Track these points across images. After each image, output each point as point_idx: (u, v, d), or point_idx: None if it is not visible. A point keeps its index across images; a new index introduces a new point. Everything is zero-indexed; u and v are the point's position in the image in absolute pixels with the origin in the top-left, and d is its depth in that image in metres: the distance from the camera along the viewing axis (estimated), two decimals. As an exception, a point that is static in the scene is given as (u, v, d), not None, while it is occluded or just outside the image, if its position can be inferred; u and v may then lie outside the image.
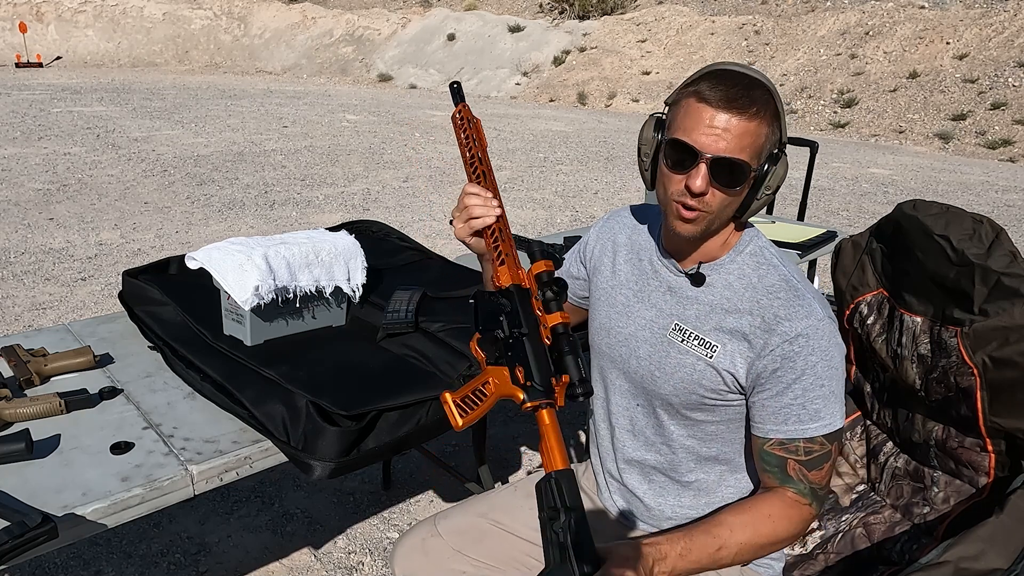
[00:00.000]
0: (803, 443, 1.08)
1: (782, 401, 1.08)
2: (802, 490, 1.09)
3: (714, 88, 1.02)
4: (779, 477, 1.10)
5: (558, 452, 0.92)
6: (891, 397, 1.45)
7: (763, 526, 1.07)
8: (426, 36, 18.63)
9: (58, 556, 2.05)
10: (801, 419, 1.08)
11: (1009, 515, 1.01)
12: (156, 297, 1.61)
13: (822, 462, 1.09)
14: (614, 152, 9.25)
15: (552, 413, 0.96)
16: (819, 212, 6.52)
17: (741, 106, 1.01)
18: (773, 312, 1.10)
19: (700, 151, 1.03)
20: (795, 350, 1.07)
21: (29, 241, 4.85)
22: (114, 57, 19.26)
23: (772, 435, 1.10)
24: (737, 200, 1.08)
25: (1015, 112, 11.15)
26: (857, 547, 1.38)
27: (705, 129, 1.02)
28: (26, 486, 1.06)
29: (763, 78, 1.06)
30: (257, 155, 7.98)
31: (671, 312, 1.19)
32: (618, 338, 1.24)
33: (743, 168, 1.03)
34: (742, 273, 1.15)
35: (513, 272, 1.07)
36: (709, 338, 1.13)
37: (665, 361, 1.17)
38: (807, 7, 16.57)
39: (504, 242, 1.12)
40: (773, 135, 1.06)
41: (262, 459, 1.22)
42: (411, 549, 1.32)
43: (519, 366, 0.98)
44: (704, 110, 1.02)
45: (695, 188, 1.04)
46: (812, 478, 1.09)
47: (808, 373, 1.07)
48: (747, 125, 1.02)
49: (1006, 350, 1.17)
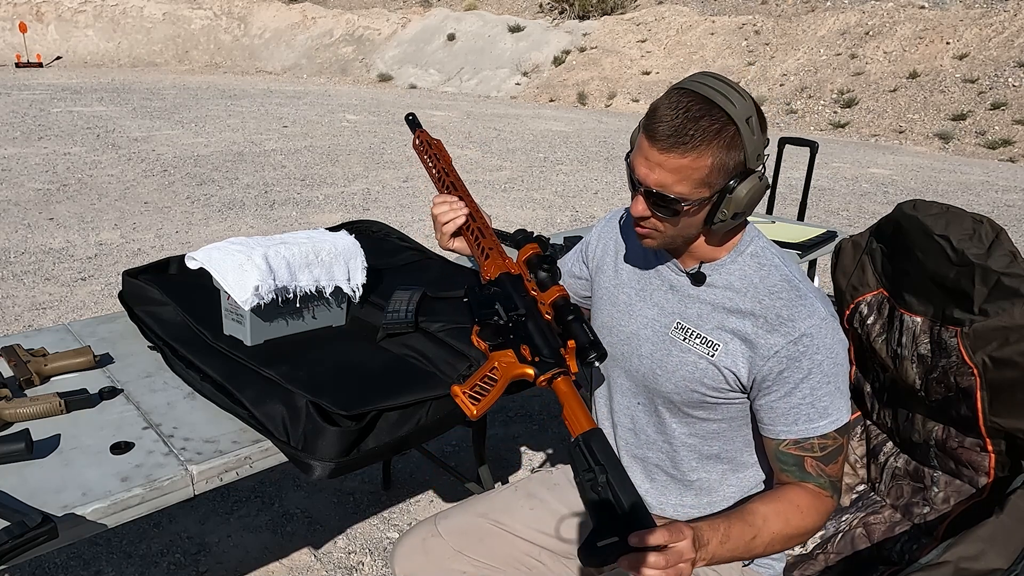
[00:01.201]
0: (817, 440, 1.09)
1: (791, 402, 1.09)
2: (822, 483, 1.10)
3: (658, 122, 1.02)
4: (798, 475, 1.11)
5: (582, 414, 0.93)
6: (891, 397, 1.45)
7: (794, 516, 1.08)
8: (426, 36, 18.62)
9: (58, 556, 2.05)
10: (811, 418, 1.09)
11: (1009, 515, 1.01)
12: (156, 297, 1.61)
13: (836, 456, 1.10)
14: (614, 152, 9.24)
15: (568, 380, 0.97)
16: (819, 212, 6.52)
17: (675, 143, 1.00)
18: (776, 312, 1.10)
19: (638, 181, 1.06)
20: (800, 350, 1.07)
21: (29, 241, 4.85)
22: (114, 57, 19.26)
23: (785, 436, 1.10)
24: (689, 222, 1.08)
25: (1015, 112, 11.14)
26: (857, 547, 1.38)
27: (643, 161, 1.05)
28: (26, 486, 1.06)
29: (729, 98, 1.02)
30: (257, 155, 7.98)
31: (673, 310, 1.19)
32: (620, 336, 1.25)
33: (673, 201, 1.04)
34: (744, 274, 1.15)
35: (499, 263, 1.10)
36: (711, 337, 1.13)
37: (667, 359, 1.18)
38: (807, 7, 16.56)
39: (485, 238, 1.16)
40: (728, 159, 1.03)
41: (262, 459, 1.22)
42: (411, 549, 1.32)
43: (524, 345, 0.99)
44: (644, 142, 1.04)
45: (633, 212, 1.09)
46: (829, 471, 1.10)
47: (815, 372, 1.08)
48: (680, 161, 1.01)
49: (1006, 350, 1.17)
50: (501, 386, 1.01)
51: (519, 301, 1.03)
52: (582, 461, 0.89)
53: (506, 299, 1.04)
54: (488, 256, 1.11)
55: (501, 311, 1.03)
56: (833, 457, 1.10)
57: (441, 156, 1.30)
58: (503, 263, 1.10)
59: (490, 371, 1.01)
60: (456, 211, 1.19)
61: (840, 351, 1.10)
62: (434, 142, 1.33)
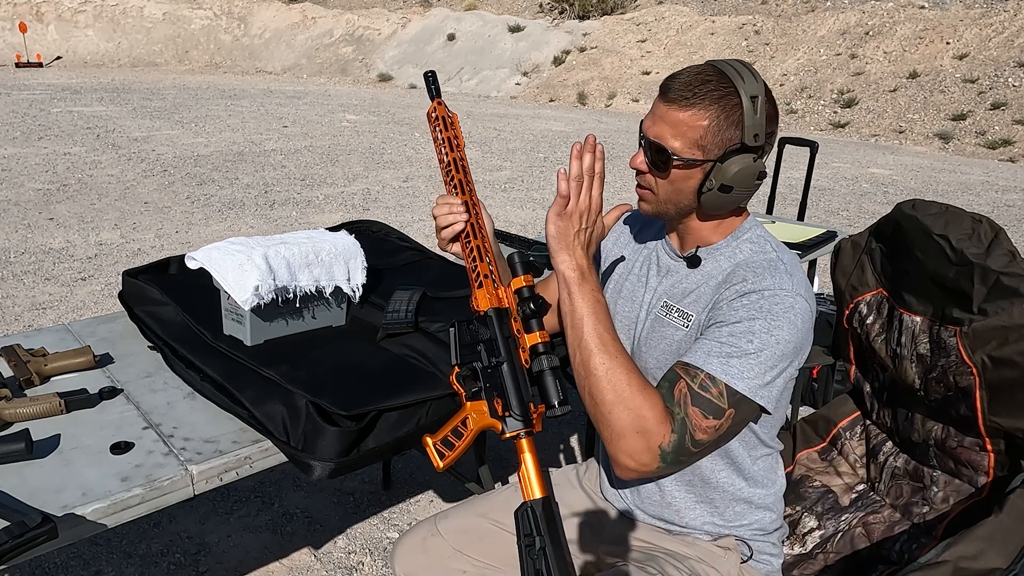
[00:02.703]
0: (704, 374, 1.04)
1: (707, 336, 1.07)
2: (676, 416, 1.03)
3: (671, 80, 1.10)
4: (665, 393, 1.05)
5: (537, 479, 0.95)
6: (890, 397, 1.45)
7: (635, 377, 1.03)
8: (426, 36, 18.63)
9: (58, 556, 2.05)
10: (713, 353, 1.04)
11: (1008, 514, 1.01)
12: (156, 297, 1.61)
13: (709, 409, 1.03)
14: (614, 152, 9.24)
15: (531, 441, 0.99)
16: (819, 212, 6.52)
17: (679, 97, 1.07)
18: (742, 276, 1.10)
19: (641, 133, 1.13)
20: (744, 302, 1.06)
21: (29, 241, 4.85)
22: (114, 57, 19.26)
23: (684, 359, 1.07)
24: (681, 187, 1.11)
25: (1015, 112, 11.15)
26: (857, 547, 1.38)
27: (650, 116, 1.12)
28: (26, 486, 1.06)
29: (741, 75, 1.06)
30: (257, 155, 7.98)
31: (663, 292, 1.22)
32: (624, 323, 1.27)
33: (664, 152, 1.09)
34: (734, 256, 1.17)
35: (491, 294, 1.06)
36: (688, 309, 1.16)
37: (650, 336, 1.21)
38: (807, 7, 16.56)
39: (481, 261, 1.11)
40: (725, 130, 1.06)
41: (262, 459, 1.22)
42: (411, 549, 1.32)
43: (497, 397, 1.00)
44: (656, 99, 1.12)
45: (631, 164, 1.15)
46: (690, 413, 1.03)
47: (744, 323, 1.05)
48: (679, 115, 1.07)
49: (1005, 349, 1.17)
50: (469, 439, 1.02)
51: (501, 345, 1.02)
52: (526, 525, 0.93)
53: (490, 342, 1.03)
54: (481, 285, 1.07)
55: (484, 355, 1.03)
56: (705, 406, 1.02)
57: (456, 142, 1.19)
58: (494, 294, 1.06)
59: (462, 422, 1.02)
60: (455, 216, 1.16)
61: (784, 329, 1.04)
62: (451, 118, 1.20)
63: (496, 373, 1.01)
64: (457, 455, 1.02)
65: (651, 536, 1.28)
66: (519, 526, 0.93)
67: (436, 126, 1.20)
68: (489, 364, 1.02)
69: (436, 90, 1.23)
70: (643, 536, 1.29)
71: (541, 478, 0.95)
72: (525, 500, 0.94)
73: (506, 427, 0.99)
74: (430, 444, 1.03)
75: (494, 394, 1.00)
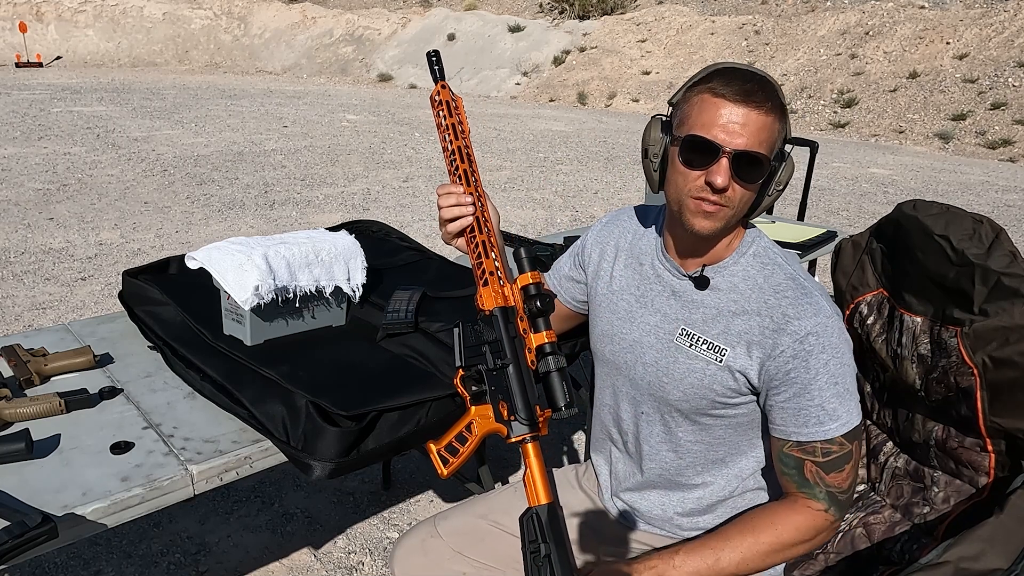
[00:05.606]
0: (821, 444, 1.07)
1: (799, 403, 1.07)
2: (817, 495, 1.07)
3: (729, 83, 1.02)
4: (796, 480, 1.09)
5: (542, 486, 0.93)
6: (891, 397, 1.45)
7: (765, 534, 1.07)
8: (426, 36, 18.62)
9: (58, 556, 2.05)
10: (821, 420, 1.07)
11: (1009, 515, 1.01)
12: (156, 297, 1.61)
13: (841, 463, 1.07)
14: (614, 152, 9.24)
15: (537, 446, 0.96)
16: (819, 212, 6.52)
17: (758, 100, 1.01)
18: (782, 311, 1.09)
19: (720, 146, 1.01)
20: (807, 349, 1.06)
21: (29, 241, 4.85)
22: (114, 57, 19.26)
23: (790, 437, 1.09)
24: (753, 196, 1.08)
25: (1015, 112, 11.15)
26: (857, 547, 1.37)
27: (722, 127, 1.01)
28: (26, 486, 1.06)
29: (768, 76, 1.07)
30: (257, 155, 7.98)
31: (677, 316, 1.17)
32: (622, 344, 1.23)
33: (762, 161, 1.03)
34: (747, 275, 1.14)
35: (497, 292, 1.02)
36: (718, 342, 1.12)
37: (673, 367, 1.16)
38: (807, 7, 16.56)
39: (487, 258, 1.06)
40: (782, 131, 1.07)
41: (262, 459, 1.22)
42: (411, 549, 1.32)
43: (503, 401, 0.98)
44: (722, 105, 1.02)
45: (717, 184, 1.02)
46: (830, 481, 1.07)
47: (822, 372, 1.06)
48: (764, 119, 1.02)
49: (1006, 350, 1.17)
50: (473, 445, 1.00)
51: (507, 346, 0.99)
52: (531, 532, 0.91)
53: (495, 344, 1.00)
54: (487, 283, 1.03)
55: (489, 357, 1.00)
56: (837, 465, 1.07)
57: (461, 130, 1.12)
58: (500, 292, 1.03)
59: (465, 428, 1.00)
60: (462, 208, 1.09)
61: (846, 351, 1.09)
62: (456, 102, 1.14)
63: (501, 376, 0.99)
64: (461, 461, 1.00)
65: (651, 538, 1.28)
66: (524, 532, 0.92)
67: (440, 111, 1.14)
68: (494, 366, 0.99)
69: (440, 72, 1.16)
70: (643, 537, 1.29)
71: (547, 484, 0.93)
72: (530, 506, 0.92)
73: (512, 432, 0.96)
74: (434, 451, 1.02)
75: (499, 397, 0.98)
